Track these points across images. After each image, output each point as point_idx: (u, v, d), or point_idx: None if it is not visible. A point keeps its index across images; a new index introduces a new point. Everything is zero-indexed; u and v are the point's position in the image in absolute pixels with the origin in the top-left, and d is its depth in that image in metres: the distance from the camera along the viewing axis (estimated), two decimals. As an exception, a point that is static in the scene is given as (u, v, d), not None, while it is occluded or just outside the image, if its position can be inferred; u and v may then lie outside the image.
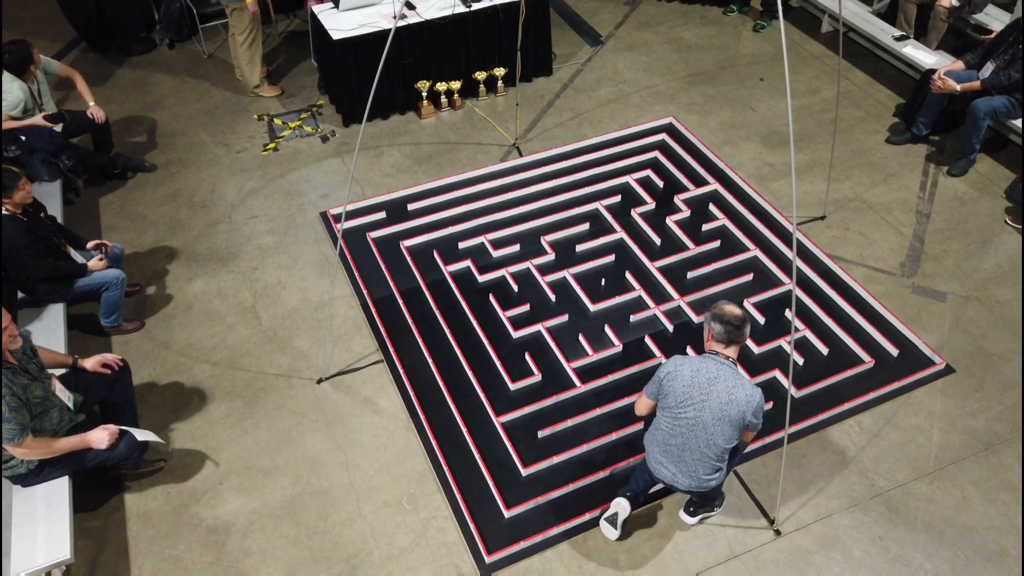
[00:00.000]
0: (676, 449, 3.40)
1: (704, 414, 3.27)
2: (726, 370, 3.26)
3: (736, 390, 3.23)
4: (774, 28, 7.52)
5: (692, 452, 3.37)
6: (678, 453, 3.40)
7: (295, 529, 3.89)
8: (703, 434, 3.30)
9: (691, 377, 3.27)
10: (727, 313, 3.27)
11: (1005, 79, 5.47)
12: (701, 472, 3.40)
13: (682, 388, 3.28)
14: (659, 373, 3.37)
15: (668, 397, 3.33)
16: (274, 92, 6.74)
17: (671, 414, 3.34)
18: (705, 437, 3.30)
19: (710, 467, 3.40)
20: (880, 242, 5.36)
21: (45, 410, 3.55)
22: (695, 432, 3.31)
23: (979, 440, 4.22)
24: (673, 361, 3.34)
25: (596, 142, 6.24)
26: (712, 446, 3.32)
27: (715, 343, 3.31)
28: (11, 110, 5.25)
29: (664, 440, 3.43)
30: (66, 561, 3.42)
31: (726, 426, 3.27)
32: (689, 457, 3.38)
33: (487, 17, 6.34)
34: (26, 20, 7.76)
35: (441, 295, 5.00)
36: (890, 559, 3.74)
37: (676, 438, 3.37)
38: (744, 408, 3.24)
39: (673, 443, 3.39)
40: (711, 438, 3.30)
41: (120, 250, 4.89)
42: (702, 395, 3.25)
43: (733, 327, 3.25)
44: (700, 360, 3.31)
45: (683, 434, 3.34)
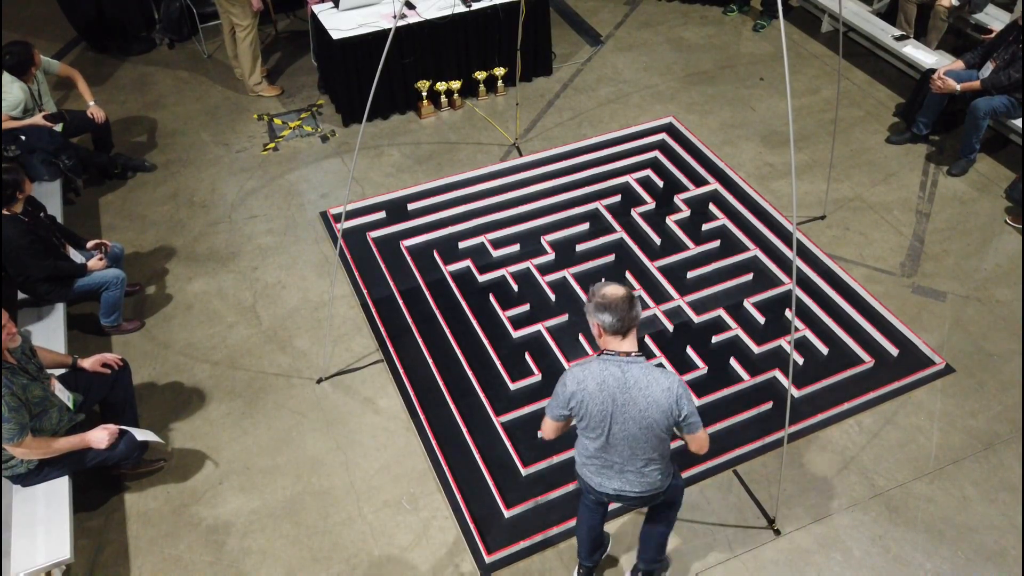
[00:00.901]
0: (617, 465, 2.99)
1: (628, 426, 2.84)
2: (633, 369, 2.80)
3: (651, 388, 2.79)
4: (774, 28, 7.52)
5: (634, 461, 2.96)
6: (620, 467, 2.99)
7: (295, 529, 3.89)
8: (637, 443, 2.89)
9: (598, 392, 2.81)
10: (611, 297, 2.77)
11: (1005, 79, 5.47)
12: (651, 477, 3.02)
13: (595, 408, 2.83)
14: (561, 393, 2.88)
15: (583, 420, 2.90)
16: (274, 91, 6.74)
17: (593, 435, 2.92)
18: (640, 445, 2.90)
19: (659, 469, 3.01)
20: (880, 242, 5.36)
21: (44, 410, 3.55)
22: (628, 443, 2.89)
23: (979, 440, 4.22)
24: (572, 378, 2.85)
25: (596, 142, 6.24)
26: (651, 449, 2.92)
27: (609, 337, 2.82)
28: (11, 110, 5.25)
29: (599, 463, 3.02)
30: (66, 561, 3.42)
31: (657, 429, 2.85)
32: (632, 467, 2.98)
33: (487, 17, 6.34)
34: (26, 20, 7.76)
35: (441, 295, 5.00)
36: (890, 559, 3.74)
37: (610, 455, 2.96)
38: (667, 405, 2.79)
39: (610, 461, 2.98)
40: (648, 443, 2.90)
41: (120, 250, 4.89)
42: (618, 408, 2.81)
43: (624, 311, 2.76)
44: (600, 367, 2.82)
45: (616, 450, 2.93)
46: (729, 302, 4.92)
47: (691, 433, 2.91)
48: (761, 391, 4.44)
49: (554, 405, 2.95)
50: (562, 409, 2.92)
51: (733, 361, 4.56)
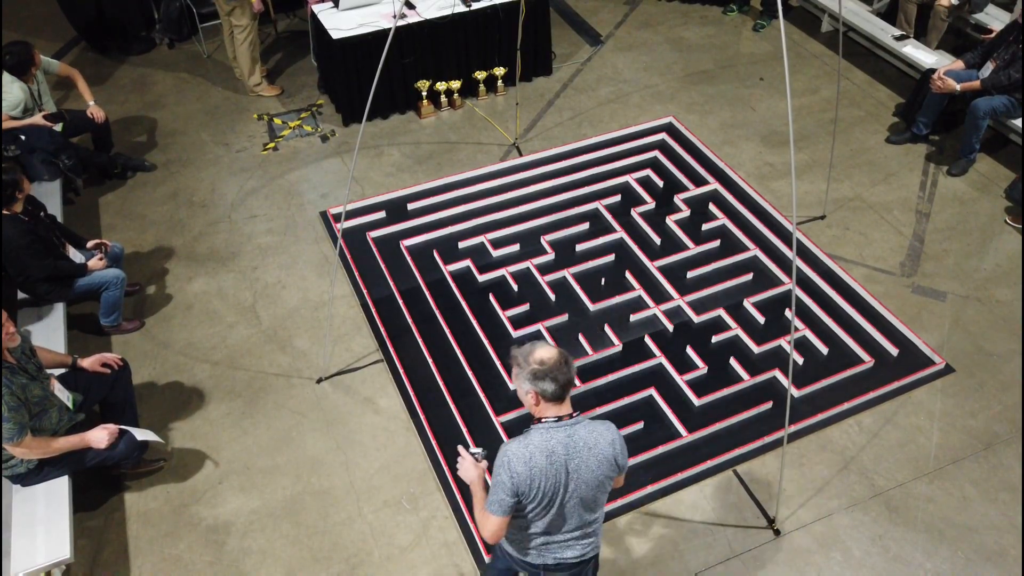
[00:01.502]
0: (563, 534, 2.72)
1: (581, 489, 2.61)
2: (579, 431, 2.58)
3: (599, 446, 2.60)
4: (774, 28, 7.52)
5: (582, 526, 2.72)
6: (566, 535, 2.72)
7: (295, 529, 3.89)
8: (587, 505, 2.67)
9: (549, 465, 2.53)
10: (549, 363, 2.51)
11: (1005, 79, 5.47)
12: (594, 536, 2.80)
13: (548, 483, 2.55)
14: (507, 481, 2.52)
15: (535, 502, 2.58)
16: (274, 91, 6.74)
17: (540, 512, 2.63)
18: (590, 506, 2.69)
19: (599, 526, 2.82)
20: (880, 242, 5.36)
21: (44, 410, 3.55)
22: (579, 508, 2.66)
23: (979, 440, 4.22)
24: (518, 459, 2.52)
25: (596, 142, 6.24)
26: (598, 507, 2.75)
27: (548, 404, 2.56)
28: (11, 110, 5.25)
29: (541, 540, 2.73)
30: (66, 561, 3.42)
31: (606, 485, 2.68)
32: (579, 531, 2.73)
33: (487, 17, 6.34)
34: (26, 20, 7.76)
35: (441, 295, 5.00)
36: (890, 559, 3.74)
37: (557, 526, 2.69)
38: (612, 457, 2.63)
39: (555, 534, 2.71)
40: (596, 502, 2.70)
41: (120, 250, 4.89)
42: (571, 475, 2.58)
43: (564, 373, 2.52)
44: (544, 438, 2.55)
45: (566, 518, 2.67)
46: (729, 302, 4.92)
47: (621, 474, 2.75)
48: (761, 391, 4.44)
49: (498, 498, 2.54)
50: (510, 498, 2.54)
51: (733, 361, 4.56)
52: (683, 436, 4.20)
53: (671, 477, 4.04)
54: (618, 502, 3.93)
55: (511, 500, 2.54)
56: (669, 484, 4.02)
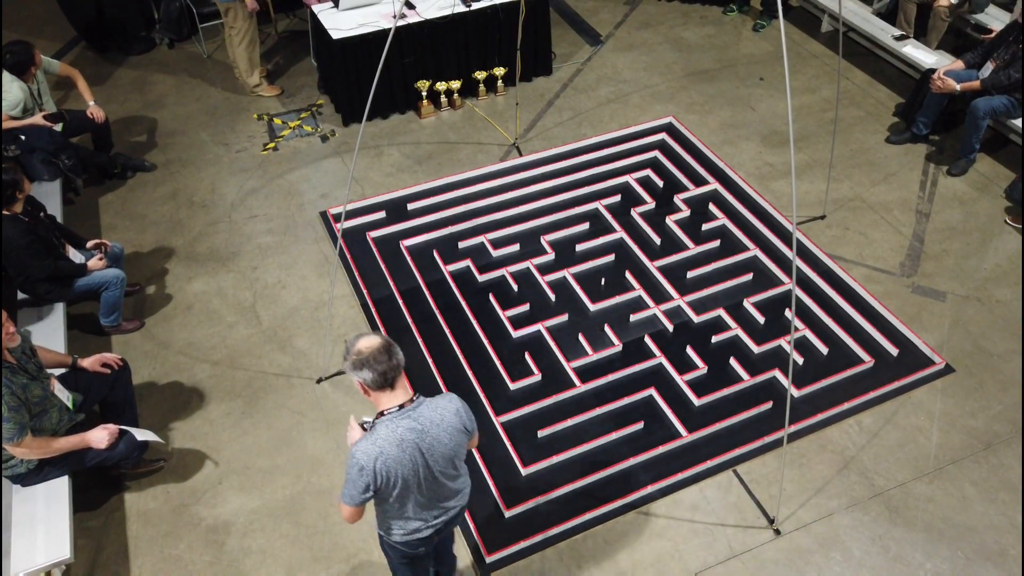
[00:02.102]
0: (432, 502, 2.87)
1: (440, 463, 2.75)
2: (423, 411, 2.69)
3: (446, 419, 2.72)
4: (774, 28, 7.52)
5: (444, 490, 2.87)
6: (437, 501, 2.89)
7: (295, 529, 3.89)
8: (448, 471, 2.82)
9: (401, 453, 2.63)
10: (366, 352, 2.58)
11: (1005, 79, 5.47)
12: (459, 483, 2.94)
13: (405, 469, 2.67)
14: (358, 479, 2.63)
15: (394, 489, 2.70)
16: (274, 92, 6.74)
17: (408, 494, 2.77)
18: (451, 471, 2.84)
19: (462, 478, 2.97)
20: (880, 242, 5.36)
21: (44, 410, 3.55)
22: (443, 477, 2.82)
23: (979, 440, 4.22)
24: (367, 457, 2.60)
25: (596, 142, 6.24)
26: (460, 465, 2.91)
27: (378, 394, 2.65)
28: (11, 110, 5.25)
29: (416, 512, 2.87)
30: (66, 561, 3.42)
31: (461, 449, 2.83)
32: (444, 494, 2.89)
33: (487, 17, 6.34)
34: (26, 20, 7.76)
35: (441, 295, 5.00)
36: (890, 559, 3.74)
37: (426, 500, 2.84)
38: (461, 424, 2.77)
39: (428, 504, 2.86)
40: (457, 462, 2.86)
41: (120, 250, 4.89)
42: (427, 454, 2.70)
43: (383, 362, 2.58)
44: (390, 429, 2.63)
45: (435, 488, 2.82)
46: (729, 302, 4.92)
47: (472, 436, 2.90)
48: (761, 391, 4.45)
49: (353, 493, 2.67)
50: (365, 493, 2.66)
51: (733, 361, 4.56)
52: (683, 436, 4.20)
53: (671, 477, 4.04)
54: (618, 502, 3.93)
55: (364, 496, 2.67)
56: (669, 484, 4.02)
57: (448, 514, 2.97)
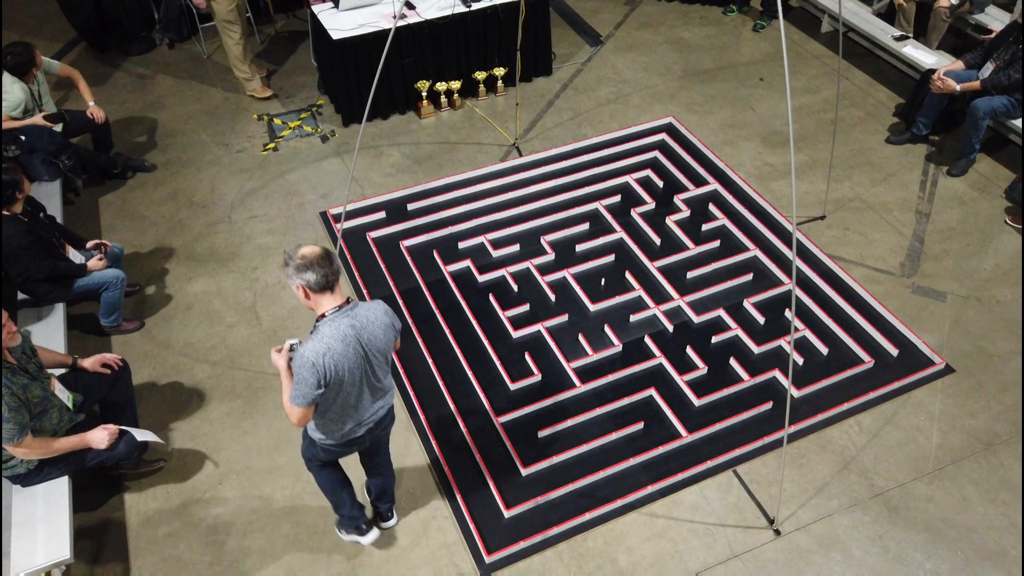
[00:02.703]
0: (368, 401, 3.16)
1: (378, 357, 3.06)
2: (359, 311, 2.98)
3: (378, 317, 3.03)
4: (774, 28, 7.52)
5: (378, 388, 3.18)
6: (372, 401, 3.18)
7: (295, 529, 3.89)
8: (382, 365, 3.12)
9: (345, 348, 2.91)
10: (310, 256, 2.88)
11: (1005, 79, 5.47)
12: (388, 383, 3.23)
13: (351, 362, 2.95)
14: (310, 377, 2.86)
15: (340, 384, 2.97)
16: (266, 93, 6.72)
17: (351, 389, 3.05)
18: (383, 366, 3.13)
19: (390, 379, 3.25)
20: (880, 242, 5.36)
21: (44, 410, 3.55)
22: (381, 370, 3.12)
23: (979, 440, 4.22)
24: (315, 354, 2.85)
25: (596, 142, 6.24)
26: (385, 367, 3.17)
27: (319, 297, 2.92)
28: (12, 111, 5.25)
29: (356, 411, 3.15)
30: (66, 561, 3.42)
31: (391, 344, 3.13)
32: (377, 392, 3.19)
33: (487, 17, 6.34)
34: (26, 20, 7.76)
35: (441, 295, 5.00)
36: (890, 559, 3.74)
37: (365, 398, 3.13)
38: (390, 322, 3.10)
39: (366, 402, 3.14)
40: (387, 359, 3.15)
41: (120, 250, 4.89)
42: (367, 348, 2.99)
43: (325, 266, 2.88)
44: (332, 328, 2.90)
45: (368, 389, 3.11)
46: (729, 302, 4.92)
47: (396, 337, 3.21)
48: (761, 391, 4.45)
49: (305, 392, 2.88)
50: (317, 390, 2.88)
51: (733, 361, 4.56)
52: (683, 436, 4.20)
53: (671, 477, 4.04)
54: (618, 502, 3.93)
55: (316, 392, 2.90)
56: (669, 484, 4.02)
57: (377, 415, 3.25)
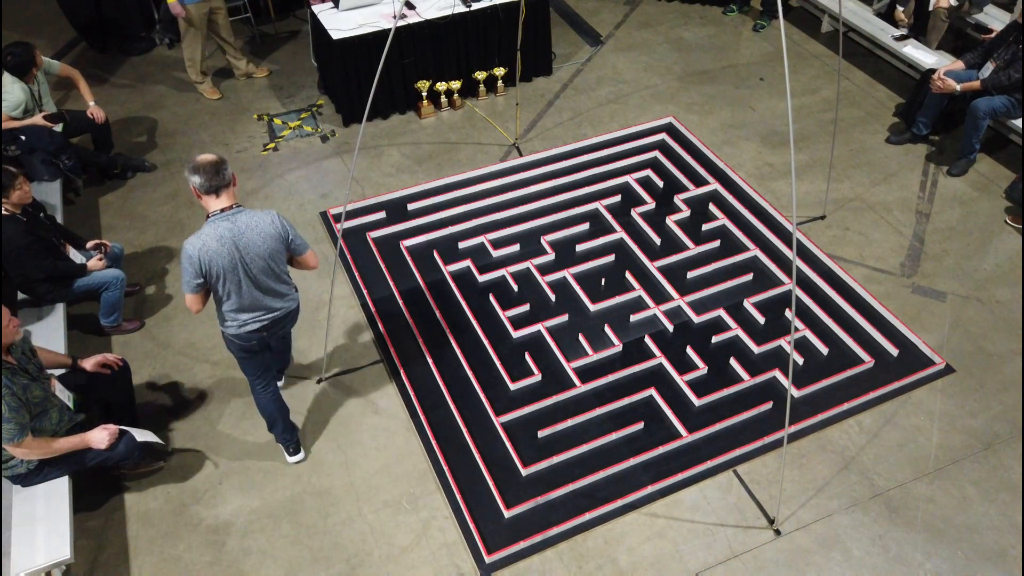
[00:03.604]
0: (258, 299, 3.54)
1: (258, 262, 3.42)
2: (240, 217, 3.36)
3: (260, 225, 3.39)
4: (774, 28, 7.52)
5: (268, 288, 3.53)
6: (261, 298, 3.55)
7: (295, 529, 3.89)
8: (270, 271, 3.49)
9: (220, 247, 3.31)
10: (200, 162, 3.29)
11: (1005, 79, 5.47)
12: (281, 288, 3.60)
13: (225, 261, 3.35)
14: (189, 266, 3.33)
15: (219, 280, 3.39)
16: (215, 95, 6.74)
17: (234, 288, 3.44)
18: (272, 271, 3.50)
19: (285, 285, 3.62)
20: (880, 242, 5.36)
21: (45, 410, 3.55)
22: (264, 275, 3.48)
23: (979, 440, 4.22)
24: (192, 248, 3.30)
25: (596, 142, 6.24)
26: (280, 271, 3.55)
27: (206, 198, 3.33)
28: (12, 111, 5.26)
29: (243, 305, 3.53)
30: (66, 561, 3.42)
31: (278, 255, 3.49)
32: (268, 292, 3.55)
33: (487, 17, 6.34)
34: (26, 20, 7.77)
35: (441, 295, 5.00)
36: (890, 559, 3.74)
37: (249, 294, 3.50)
38: (276, 232, 3.43)
39: (251, 299, 3.53)
40: (277, 267, 3.51)
41: (120, 250, 4.89)
42: (242, 252, 3.36)
43: (211, 173, 3.28)
44: (212, 228, 3.32)
45: (251, 286, 3.48)
46: (729, 302, 4.92)
47: (301, 254, 3.61)
48: (761, 391, 4.45)
49: (187, 280, 3.36)
50: (196, 279, 3.35)
51: (733, 361, 4.56)
52: (683, 436, 4.20)
53: (671, 477, 4.04)
54: (618, 502, 3.93)
55: (196, 281, 3.36)
56: (669, 484, 4.02)
57: (273, 314, 3.63)
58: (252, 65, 6.92)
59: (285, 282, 3.63)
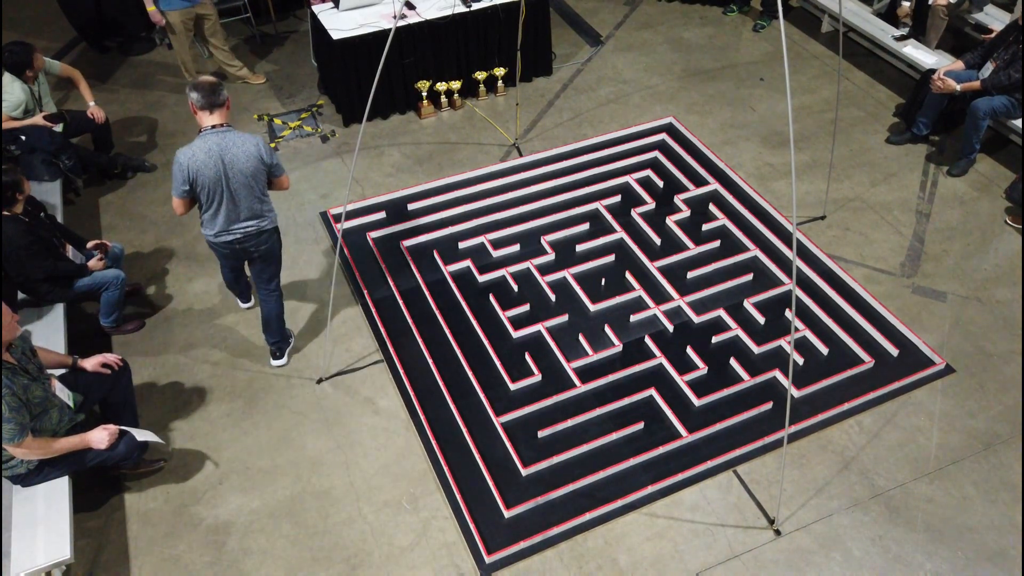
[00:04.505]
0: (233, 213, 3.98)
1: (239, 177, 3.86)
2: (228, 135, 3.80)
3: (245, 146, 3.83)
4: (774, 28, 7.52)
5: (245, 205, 3.97)
6: (237, 213, 3.99)
7: (295, 529, 3.89)
8: (249, 188, 3.92)
9: (208, 159, 3.77)
10: (200, 82, 3.75)
11: (1005, 79, 5.47)
12: (257, 207, 4.03)
13: (210, 172, 3.79)
14: (178, 173, 3.80)
15: (203, 191, 3.86)
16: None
17: (215, 198, 3.90)
18: (251, 188, 3.93)
19: (261, 204, 4.05)
20: (880, 242, 5.36)
21: (45, 410, 3.55)
22: (244, 191, 3.92)
23: (979, 440, 4.22)
24: (184, 157, 3.77)
25: (596, 142, 6.24)
26: (259, 191, 3.98)
27: (201, 114, 3.78)
28: (12, 111, 5.25)
29: (221, 217, 3.97)
30: (66, 561, 3.42)
31: (259, 175, 3.93)
32: (244, 208, 3.98)
33: (487, 17, 6.34)
34: (26, 20, 7.76)
35: (441, 295, 5.00)
36: (890, 559, 3.74)
37: (228, 207, 3.95)
38: (258, 154, 3.87)
39: (228, 212, 3.96)
40: (256, 185, 3.95)
41: (120, 250, 4.89)
42: (227, 166, 3.81)
43: (208, 92, 3.73)
44: (202, 142, 3.77)
45: (231, 200, 3.93)
46: (729, 302, 4.92)
47: (279, 175, 4.07)
48: (761, 391, 4.45)
49: (176, 185, 3.85)
50: (183, 185, 3.84)
51: (733, 361, 4.56)
52: (683, 436, 4.20)
53: (671, 477, 4.04)
54: (618, 502, 3.94)
55: (183, 187, 3.84)
56: (669, 484, 4.02)
57: (247, 229, 4.07)
58: (247, 70, 6.89)
59: (263, 201, 4.05)
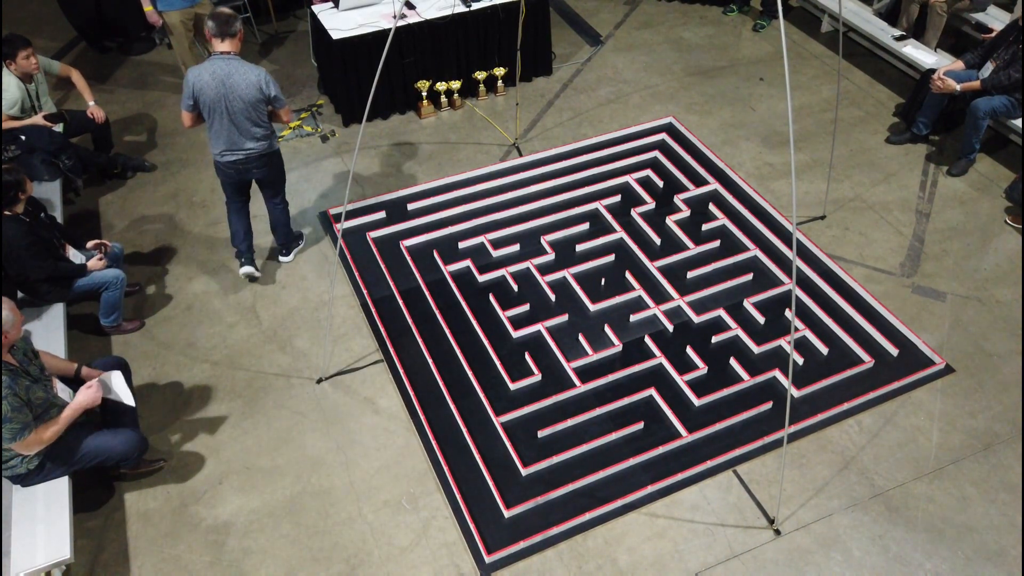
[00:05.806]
0: (234, 134, 4.42)
1: (238, 103, 4.31)
2: (233, 63, 4.27)
3: (247, 75, 4.28)
4: (774, 28, 7.52)
5: (244, 128, 4.42)
6: (237, 135, 4.43)
7: (295, 529, 3.89)
8: (248, 113, 4.36)
9: (212, 80, 4.25)
10: (218, 12, 4.26)
11: (1005, 79, 5.47)
12: (256, 132, 4.47)
13: (212, 92, 4.27)
14: (186, 88, 4.30)
15: (205, 108, 4.34)
16: None
17: (217, 116, 4.35)
18: (250, 114, 4.37)
19: (260, 130, 4.49)
20: (880, 242, 5.36)
21: (46, 410, 3.55)
22: (237, 118, 4.36)
23: (979, 440, 4.22)
24: (192, 74, 4.28)
25: (596, 142, 6.24)
26: (257, 117, 4.42)
27: (215, 40, 4.27)
28: (8, 109, 5.25)
29: (225, 141, 4.45)
30: (66, 561, 3.42)
31: (257, 103, 4.36)
32: (243, 132, 4.43)
33: (487, 17, 6.34)
34: (26, 20, 7.76)
35: (441, 295, 5.00)
36: (890, 559, 3.74)
37: (228, 128, 4.40)
38: (257, 83, 4.31)
39: (229, 132, 4.41)
40: (255, 111, 4.38)
41: (120, 250, 4.89)
42: (228, 90, 4.27)
43: (223, 22, 4.22)
44: (211, 65, 4.27)
45: (231, 122, 4.37)
46: (729, 302, 4.92)
47: (280, 107, 4.52)
48: (761, 391, 4.45)
49: (184, 99, 4.36)
50: (188, 99, 4.35)
51: (733, 361, 4.56)
52: (683, 436, 4.20)
53: (671, 477, 4.04)
54: (618, 502, 3.94)
55: (188, 102, 4.37)
56: (669, 484, 4.02)
57: (247, 152, 4.54)
58: None
59: (262, 127, 4.47)
